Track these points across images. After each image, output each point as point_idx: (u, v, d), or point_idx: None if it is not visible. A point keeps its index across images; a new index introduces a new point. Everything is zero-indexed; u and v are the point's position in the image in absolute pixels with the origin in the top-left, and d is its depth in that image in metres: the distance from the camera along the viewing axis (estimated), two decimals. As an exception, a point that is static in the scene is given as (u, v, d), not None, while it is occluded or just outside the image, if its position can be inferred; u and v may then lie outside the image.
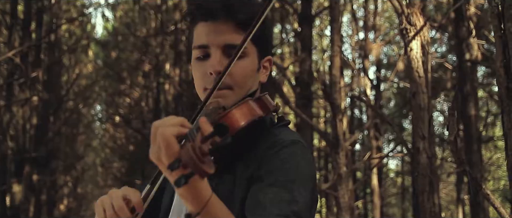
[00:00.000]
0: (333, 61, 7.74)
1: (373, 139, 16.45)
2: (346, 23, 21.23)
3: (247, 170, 1.38)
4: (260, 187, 1.32)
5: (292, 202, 1.29)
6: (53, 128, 20.03)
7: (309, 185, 1.36)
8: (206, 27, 1.46)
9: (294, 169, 1.35)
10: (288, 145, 1.38)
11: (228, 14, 1.43)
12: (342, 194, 7.17)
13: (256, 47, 1.48)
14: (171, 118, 1.20)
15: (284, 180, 1.32)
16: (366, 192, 21.26)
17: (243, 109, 1.32)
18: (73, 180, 28.45)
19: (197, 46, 1.47)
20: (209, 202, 1.19)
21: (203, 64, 1.46)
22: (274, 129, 1.46)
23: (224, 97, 1.43)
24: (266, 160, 1.36)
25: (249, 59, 1.47)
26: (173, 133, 1.14)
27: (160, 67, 19.34)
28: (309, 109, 9.54)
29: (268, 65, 1.55)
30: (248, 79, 1.47)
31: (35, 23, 17.17)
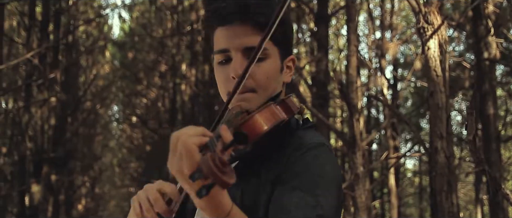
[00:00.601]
0: (350, 61, 7.71)
1: (390, 139, 16.35)
2: (363, 22, 21.16)
3: (272, 173, 1.36)
4: (284, 190, 1.31)
5: (317, 206, 1.27)
6: (71, 129, 20.20)
7: (334, 188, 1.34)
8: (224, 32, 1.45)
9: (319, 172, 1.33)
10: (313, 148, 1.36)
11: (244, 17, 1.42)
12: (359, 194, 7.14)
13: (277, 48, 1.47)
14: (191, 127, 1.19)
15: (309, 184, 1.30)
16: (383, 192, 21.16)
17: (266, 114, 1.30)
18: (90, 180, 28.63)
19: (218, 51, 1.46)
20: (230, 214, 1.18)
21: (225, 68, 1.45)
22: (299, 131, 1.44)
23: (248, 100, 1.42)
24: (291, 163, 1.35)
25: (271, 61, 1.45)
26: (195, 142, 1.12)
27: (177, 67, 19.41)
28: (326, 108, 9.51)
29: (292, 65, 1.54)
30: (271, 81, 1.45)
31: (53, 25, 17.32)
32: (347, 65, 8.08)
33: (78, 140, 22.18)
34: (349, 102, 7.17)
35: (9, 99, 19.65)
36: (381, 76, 15.72)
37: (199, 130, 1.18)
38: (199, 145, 1.13)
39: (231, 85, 1.42)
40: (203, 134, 1.16)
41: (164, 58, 20.15)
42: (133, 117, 25.82)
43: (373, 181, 15.27)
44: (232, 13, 1.43)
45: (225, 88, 1.45)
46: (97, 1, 23.45)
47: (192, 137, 1.14)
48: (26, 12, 16.21)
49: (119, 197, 36.57)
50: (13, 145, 18.66)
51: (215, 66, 1.49)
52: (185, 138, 1.13)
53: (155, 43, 20.33)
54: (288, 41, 1.52)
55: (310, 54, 16.56)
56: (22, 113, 15.91)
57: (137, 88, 23.76)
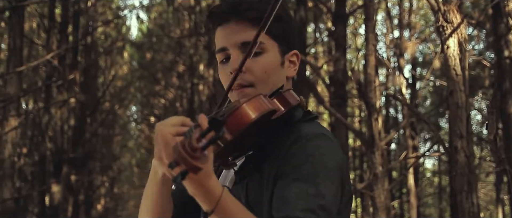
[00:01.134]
0: (368, 60, 7.67)
1: (409, 138, 16.24)
2: (381, 21, 21.03)
3: (273, 167, 1.37)
4: (285, 182, 1.31)
5: (318, 196, 1.27)
6: (90, 129, 20.36)
7: (337, 178, 1.34)
8: (222, 31, 1.49)
9: (319, 162, 1.32)
10: (312, 138, 1.36)
11: (238, 14, 1.46)
12: (378, 194, 7.10)
13: (276, 42, 1.48)
14: (172, 118, 1.24)
15: (309, 174, 1.30)
16: (402, 192, 21.03)
17: (253, 104, 1.30)
18: (109, 180, 28.84)
19: (218, 51, 1.50)
20: (221, 199, 1.18)
21: (226, 66, 1.49)
22: (300, 123, 1.44)
23: (247, 95, 1.43)
24: (290, 155, 1.34)
25: (268, 55, 1.46)
26: (172, 132, 1.17)
27: (194, 68, 19.48)
28: (344, 108, 9.47)
29: (296, 59, 1.54)
30: (270, 75, 1.46)
31: (72, 26, 17.47)
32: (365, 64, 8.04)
33: (97, 140, 22.34)
34: (367, 102, 7.14)
35: (29, 100, 19.86)
36: (400, 75, 15.63)
37: (179, 119, 1.23)
38: (176, 134, 1.17)
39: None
40: (182, 123, 1.21)
41: (182, 59, 20.23)
42: (151, 117, 25.96)
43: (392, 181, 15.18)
44: (226, 12, 1.47)
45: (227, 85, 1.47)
46: (115, 2, 23.63)
47: (170, 127, 1.19)
48: (45, 14, 16.38)
49: (138, 197, 36.75)
50: (33, 145, 18.87)
51: (218, 67, 1.53)
52: (163, 128, 1.19)
53: (173, 43, 20.42)
54: (288, 36, 1.52)
55: (328, 54, 16.52)
56: (42, 114, 16.08)
57: (155, 89, 23.88)
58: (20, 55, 10.77)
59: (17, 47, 10.40)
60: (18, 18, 10.45)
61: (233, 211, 1.22)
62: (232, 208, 1.22)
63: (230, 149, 1.37)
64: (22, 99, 15.82)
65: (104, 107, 23.46)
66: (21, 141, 16.89)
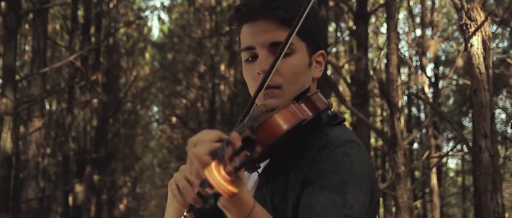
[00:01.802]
0: (390, 59, 7.62)
1: (431, 138, 16.10)
2: (403, 20, 20.88)
3: (300, 172, 1.34)
4: (312, 190, 1.29)
5: (345, 206, 1.24)
6: (112, 129, 20.52)
7: (365, 186, 1.31)
8: (249, 29, 1.44)
9: (348, 170, 1.29)
10: (341, 145, 1.33)
11: (268, 13, 1.41)
12: (401, 193, 7.05)
13: (304, 43, 1.44)
14: (206, 133, 1.20)
15: (337, 183, 1.27)
16: (425, 192, 20.84)
17: (285, 114, 1.27)
18: (132, 180, 29.05)
19: (244, 49, 1.46)
20: (251, 212, 1.17)
21: (252, 65, 1.45)
22: (327, 128, 1.41)
23: (275, 96, 1.41)
24: (318, 162, 1.31)
25: (298, 56, 1.43)
26: (205, 151, 1.14)
27: (215, 68, 19.52)
28: (366, 107, 9.41)
29: (322, 60, 1.50)
30: (299, 77, 1.43)
31: (94, 27, 17.64)
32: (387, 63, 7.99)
33: (119, 141, 22.51)
34: (389, 101, 7.09)
35: (53, 101, 20.09)
36: (422, 74, 15.50)
37: (213, 135, 1.19)
38: (209, 152, 1.14)
39: (258, 82, 1.41)
40: (218, 139, 1.17)
41: (203, 59, 20.29)
42: (173, 118, 26.08)
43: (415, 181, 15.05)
44: (255, 10, 1.42)
45: (253, 85, 1.45)
46: (137, 3, 23.80)
47: (203, 144, 1.16)
48: (68, 16, 16.55)
49: (160, 196, 36.97)
50: (57, 145, 19.08)
51: (243, 65, 1.49)
52: (198, 144, 1.16)
53: (194, 44, 20.49)
54: (316, 36, 1.49)
55: (349, 53, 16.44)
56: (65, 114, 16.25)
57: (177, 89, 23.98)
58: (44, 56, 10.90)
59: (40, 49, 10.52)
60: (41, 20, 10.57)
61: None
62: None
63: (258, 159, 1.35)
64: (46, 100, 16.01)
65: (126, 108, 23.63)
66: (45, 142, 17.08)
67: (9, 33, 8.12)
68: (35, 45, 10.65)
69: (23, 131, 12.47)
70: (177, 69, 23.09)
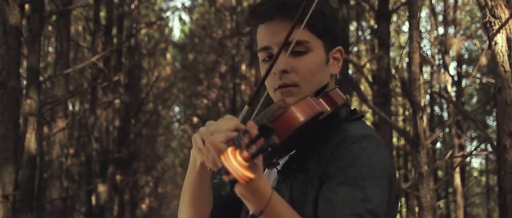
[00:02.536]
0: (412, 58, 7.56)
1: (455, 137, 15.93)
2: (425, 18, 20.69)
3: (319, 168, 1.34)
4: (331, 186, 1.29)
5: (366, 200, 1.25)
6: (134, 130, 20.67)
7: (384, 181, 1.31)
8: (265, 29, 1.45)
9: (366, 165, 1.29)
10: (359, 140, 1.33)
11: (283, 13, 1.42)
12: (424, 193, 6.99)
13: (321, 40, 1.44)
14: (225, 121, 1.20)
15: (356, 178, 1.27)
16: (448, 192, 20.64)
17: (302, 106, 1.28)
18: (153, 180, 29.20)
19: (261, 49, 1.47)
20: (270, 202, 1.16)
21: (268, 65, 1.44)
22: (345, 123, 1.41)
23: (293, 95, 1.41)
24: (337, 157, 1.32)
25: (314, 54, 1.43)
26: (222, 139, 1.14)
27: (236, 68, 19.55)
28: (388, 107, 9.35)
29: (340, 56, 1.51)
30: (316, 74, 1.43)
31: (116, 28, 17.78)
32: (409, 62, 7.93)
33: (141, 141, 22.67)
34: (412, 100, 7.04)
35: (76, 102, 20.30)
36: (445, 73, 15.34)
37: (232, 124, 1.18)
38: (226, 140, 1.13)
39: (275, 81, 1.43)
40: (235, 128, 1.17)
41: (224, 59, 20.33)
42: (194, 118, 26.19)
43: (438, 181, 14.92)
44: (270, 10, 1.44)
45: (270, 85, 1.46)
46: (158, 4, 23.94)
47: (222, 132, 1.15)
48: (91, 17, 16.71)
49: (182, 196, 37.11)
50: (80, 146, 19.26)
51: (260, 64, 1.50)
52: (216, 132, 1.15)
53: (215, 44, 20.54)
54: (333, 33, 1.49)
55: (371, 52, 16.34)
56: (88, 115, 16.40)
57: (198, 89, 24.07)
58: (67, 58, 11.01)
59: (64, 50, 10.63)
60: (64, 22, 10.68)
61: (281, 213, 1.20)
62: (281, 209, 1.20)
63: (276, 151, 1.35)
64: (69, 101, 16.18)
65: (148, 108, 23.78)
66: (68, 142, 17.26)
67: (33, 35, 8.22)
68: (59, 47, 10.77)
69: (47, 132, 12.62)
70: (198, 70, 23.17)
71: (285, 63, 1.40)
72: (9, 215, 5.86)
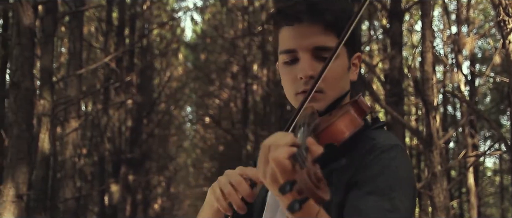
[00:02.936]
0: (425, 57, 7.51)
1: (468, 136, 15.82)
2: (437, 17, 20.57)
3: (344, 175, 1.33)
4: (359, 194, 1.28)
5: (394, 211, 1.24)
6: (146, 130, 20.74)
7: (410, 190, 1.31)
8: (291, 31, 1.41)
9: (395, 175, 1.29)
10: (388, 150, 1.32)
11: (314, 16, 1.39)
12: (437, 193, 6.95)
13: (345, 47, 1.42)
14: (281, 136, 1.15)
15: (385, 188, 1.27)
16: (461, 192, 20.52)
17: (346, 120, 1.27)
18: (166, 180, 29.29)
19: (284, 51, 1.43)
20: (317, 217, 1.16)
21: (292, 68, 1.42)
22: (370, 131, 1.40)
23: (317, 101, 1.40)
24: (365, 166, 1.31)
25: (339, 60, 1.41)
26: (285, 155, 1.09)
27: (248, 68, 19.55)
28: (400, 106, 9.30)
29: (358, 62, 1.50)
30: (339, 81, 1.43)
31: (129, 29, 17.86)
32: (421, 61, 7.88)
33: (154, 141, 22.74)
34: (425, 100, 7.00)
35: (88, 102, 20.40)
36: (458, 72, 15.24)
37: (288, 139, 1.14)
38: (288, 157, 1.09)
39: (299, 86, 1.40)
40: (293, 144, 1.13)
41: (236, 59, 20.34)
42: (206, 118, 26.23)
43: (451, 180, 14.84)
44: (300, 12, 1.39)
45: (292, 89, 1.43)
46: (170, 4, 24.00)
47: (282, 149, 1.10)
48: (103, 18, 16.79)
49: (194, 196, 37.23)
50: (92, 146, 19.36)
51: (280, 66, 1.47)
52: (276, 151, 1.11)
53: (227, 44, 20.57)
54: (355, 39, 1.48)
55: (383, 52, 16.27)
56: (101, 115, 16.48)
57: (210, 89, 24.11)
58: (80, 58, 11.07)
59: (77, 51, 10.69)
60: (77, 22, 10.74)
61: None
62: None
63: None
64: (82, 101, 16.27)
65: (160, 108, 23.85)
66: (81, 142, 17.36)
67: (46, 36, 8.27)
68: (71, 47, 10.83)
69: (60, 132, 12.70)
70: (210, 70, 23.22)
71: (312, 69, 1.38)
72: (23, 214, 5.90)
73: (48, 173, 8.50)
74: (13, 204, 5.74)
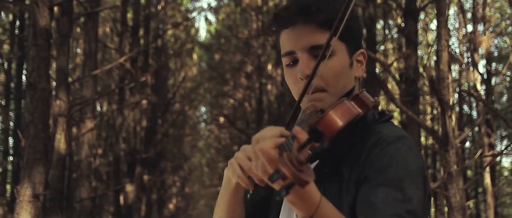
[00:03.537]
0: (440, 56, 7.45)
1: (484, 136, 15.69)
2: (453, 15, 20.43)
3: (353, 171, 1.34)
4: (369, 187, 1.29)
5: (405, 201, 1.25)
6: (161, 130, 20.81)
7: (420, 180, 1.31)
8: (288, 34, 1.45)
9: (403, 166, 1.30)
10: (394, 141, 1.33)
11: (306, 17, 1.42)
12: (453, 193, 6.89)
13: (344, 43, 1.44)
14: (269, 129, 1.20)
15: (394, 179, 1.28)
16: (478, 192, 20.36)
17: (339, 110, 1.27)
18: (180, 180, 29.40)
19: (285, 54, 1.46)
20: (319, 207, 1.17)
21: (293, 70, 1.45)
22: (376, 125, 1.41)
23: (320, 100, 1.41)
24: (373, 159, 1.32)
25: (337, 57, 1.42)
26: (271, 145, 1.13)
27: (262, 68, 19.56)
28: (416, 105, 9.24)
29: (363, 58, 1.50)
30: (340, 78, 1.43)
31: (143, 30, 17.93)
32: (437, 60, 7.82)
33: (168, 141, 22.81)
34: (440, 99, 6.94)
35: (103, 102, 20.52)
36: (474, 71, 15.12)
37: (276, 130, 1.18)
38: (275, 146, 1.12)
39: (301, 86, 1.41)
40: (281, 134, 1.17)
41: (250, 59, 20.36)
42: (220, 118, 26.28)
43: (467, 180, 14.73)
44: (293, 15, 1.43)
45: (296, 90, 1.45)
46: (184, 5, 24.07)
47: (269, 139, 1.14)
48: (118, 19, 16.87)
49: (208, 196, 37.34)
50: (108, 146, 19.48)
51: (284, 70, 1.50)
52: (262, 142, 1.14)
53: (241, 44, 20.59)
54: (355, 35, 1.49)
55: (398, 51, 16.19)
56: (116, 116, 16.56)
57: (224, 89, 24.16)
58: (95, 59, 11.13)
59: (92, 52, 10.75)
60: (92, 23, 10.81)
61: (331, 216, 1.20)
62: (330, 213, 1.20)
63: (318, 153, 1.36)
64: (97, 101, 16.36)
65: (175, 108, 23.94)
66: (96, 142, 17.46)
67: (62, 37, 8.32)
68: (87, 48, 10.89)
69: (75, 132, 12.78)
70: (225, 70, 23.25)
71: (309, 68, 1.39)
72: (39, 214, 5.94)
73: (64, 173, 8.56)
74: (29, 203, 5.78)
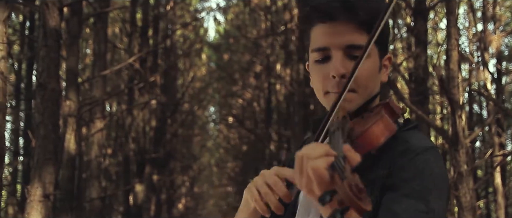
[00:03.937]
0: (450, 55, 7.42)
1: (495, 135, 15.60)
2: (463, 14, 20.33)
3: (377, 177, 1.32)
4: (394, 197, 1.27)
5: (429, 212, 1.24)
6: (170, 130, 20.86)
7: (444, 192, 1.31)
8: (325, 29, 1.39)
9: (430, 178, 1.29)
10: (422, 152, 1.32)
11: (348, 15, 1.36)
12: (464, 193, 6.86)
13: (377, 47, 1.41)
14: (315, 147, 1.15)
15: (420, 190, 1.26)
16: (488, 191, 20.25)
17: (381, 125, 1.27)
18: (190, 179, 29.44)
19: (316, 49, 1.41)
20: None
21: (324, 67, 1.40)
22: (403, 132, 1.38)
23: (349, 101, 1.38)
24: (399, 168, 1.30)
25: (371, 60, 1.39)
26: (323, 166, 1.09)
27: (271, 67, 19.55)
28: (425, 105, 9.21)
29: (388, 63, 1.48)
30: (371, 81, 1.41)
31: (152, 30, 17.97)
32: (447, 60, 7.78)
33: (178, 141, 22.86)
34: (450, 98, 6.91)
35: (113, 103, 20.58)
36: (484, 70, 15.04)
37: (324, 149, 1.14)
38: (327, 167, 1.09)
39: (330, 84, 1.38)
40: (327, 154, 1.13)
41: (259, 59, 20.36)
42: (229, 117, 26.30)
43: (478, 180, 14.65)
44: (336, 10, 1.37)
45: (323, 87, 1.41)
46: (193, 5, 24.11)
47: (319, 160, 1.10)
48: (127, 19, 16.92)
49: (217, 196, 37.37)
50: (117, 146, 19.54)
51: (311, 65, 1.45)
52: (313, 161, 1.10)
53: (250, 44, 20.59)
54: (386, 39, 1.46)
55: (407, 50, 16.14)
56: (125, 116, 16.62)
57: (233, 89, 24.17)
58: (104, 59, 11.17)
59: (101, 52, 10.78)
60: (102, 24, 10.84)
61: None
62: None
63: None
64: (107, 102, 16.42)
65: (184, 108, 23.98)
66: (106, 142, 17.52)
67: (72, 37, 8.36)
68: (96, 49, 10.93)
69: (85, 132, 12.83)
70: (233, 70, 23.27)
71: (344, 68, 1.36)
72: (50, 214, 5.97)
73: (74, 173, 8.60)
74: (40, 203, 5.81)
